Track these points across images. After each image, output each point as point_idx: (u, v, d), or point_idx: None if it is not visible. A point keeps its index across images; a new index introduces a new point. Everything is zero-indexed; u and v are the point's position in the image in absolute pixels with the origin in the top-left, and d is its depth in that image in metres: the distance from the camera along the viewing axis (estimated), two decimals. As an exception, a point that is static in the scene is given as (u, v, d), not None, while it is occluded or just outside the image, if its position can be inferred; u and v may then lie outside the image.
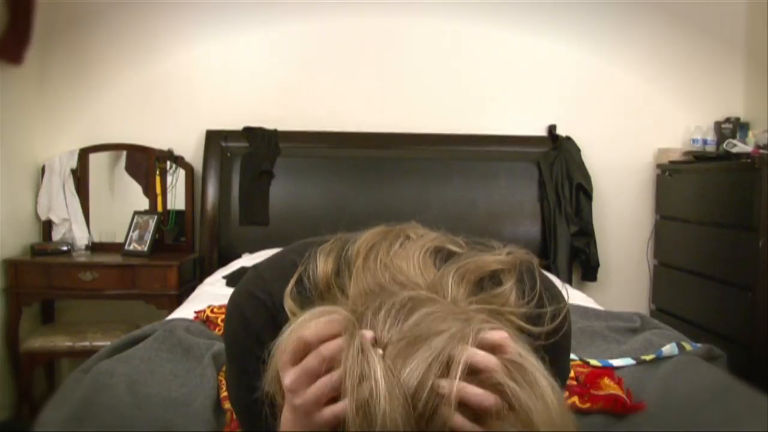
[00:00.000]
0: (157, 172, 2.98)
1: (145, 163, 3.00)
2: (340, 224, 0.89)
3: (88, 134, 2.99)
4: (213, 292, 2.24)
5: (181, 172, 3.02)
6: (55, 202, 2.90)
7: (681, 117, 3.16)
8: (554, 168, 3.00)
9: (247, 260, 2.68)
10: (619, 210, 3.16)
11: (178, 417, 1.12)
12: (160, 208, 2.97)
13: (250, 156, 2.94)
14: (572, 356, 1.46)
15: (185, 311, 1.90)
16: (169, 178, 3.00)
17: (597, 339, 1.70)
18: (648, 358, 1.47)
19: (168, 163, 2.99)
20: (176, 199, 3.01)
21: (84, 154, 2.95)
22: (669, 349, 1.48)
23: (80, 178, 2.95)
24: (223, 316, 1.70)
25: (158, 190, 2.98)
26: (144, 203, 3.00)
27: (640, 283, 3.20)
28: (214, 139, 2.99)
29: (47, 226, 2.93)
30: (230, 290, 2.29)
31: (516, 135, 3.10)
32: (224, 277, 2.46)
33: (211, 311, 1.75)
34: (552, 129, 3.12)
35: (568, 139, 3.07)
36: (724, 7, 3.11)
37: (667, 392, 1.26)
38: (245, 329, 0.71)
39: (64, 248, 2.79)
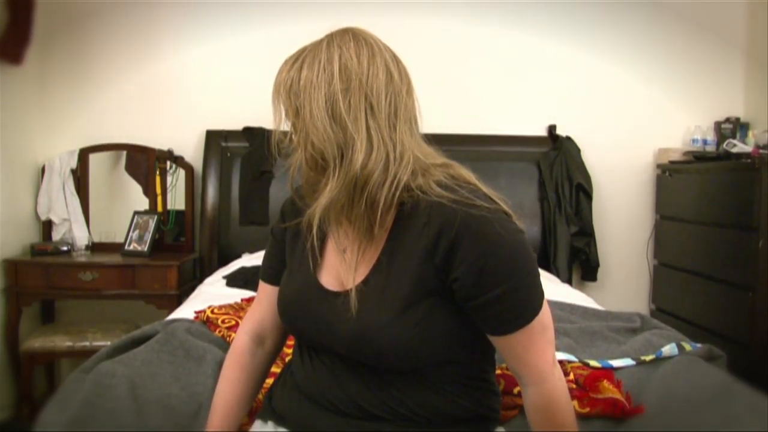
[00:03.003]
0: (157, 172, 2.98)
1: (145, 163, 3.00)
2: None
3: (88, 134, 2.99)
4: (213, 292, 2.23)
5: (181, 172, 3.02)
6: (55, 202, 2.90)
7: (681, 117, 3.16)
8: (554, 168, 3.00)
9: (247, 260, 2.68)
10: (619, 210, 3.17)
11: (178, 428, 1.12)
12: (160, 208, 2.97)
13: (250, 156, 2.94)
14: (572, 357, 1.46)
15: (185, 311, 1.89)
16: (169, 178, 3.00)
17: (597, 339, 1.70)
18: (648, 358, 1.47)
19: (168, 163, 2.99)
20: (176, 199, 3.01)
21: (84, 154, 2.95)
22: (669, 349, 1.48)
23: (80, 178, 2.94)
24: (223, 317, 1.70)
25: (158, 190, 2.98)
26: (144, 203, 3.00)
27: (640, 283, 3.20)
28: (214, 139, 2.99)
29: (47, 226, 2.93)
30: (230, 290, 2.30)
31: (516, 135, 3.10)
32: (224, 277, 2.45)
33: (212, 312, 1.74)
34: (552, 129, 3.12)
35: (568, 139, 3.07)
36: (724, 7, 3.11)
37: (666, 393, 1.25)
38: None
39: (64, 248, 2.79)
